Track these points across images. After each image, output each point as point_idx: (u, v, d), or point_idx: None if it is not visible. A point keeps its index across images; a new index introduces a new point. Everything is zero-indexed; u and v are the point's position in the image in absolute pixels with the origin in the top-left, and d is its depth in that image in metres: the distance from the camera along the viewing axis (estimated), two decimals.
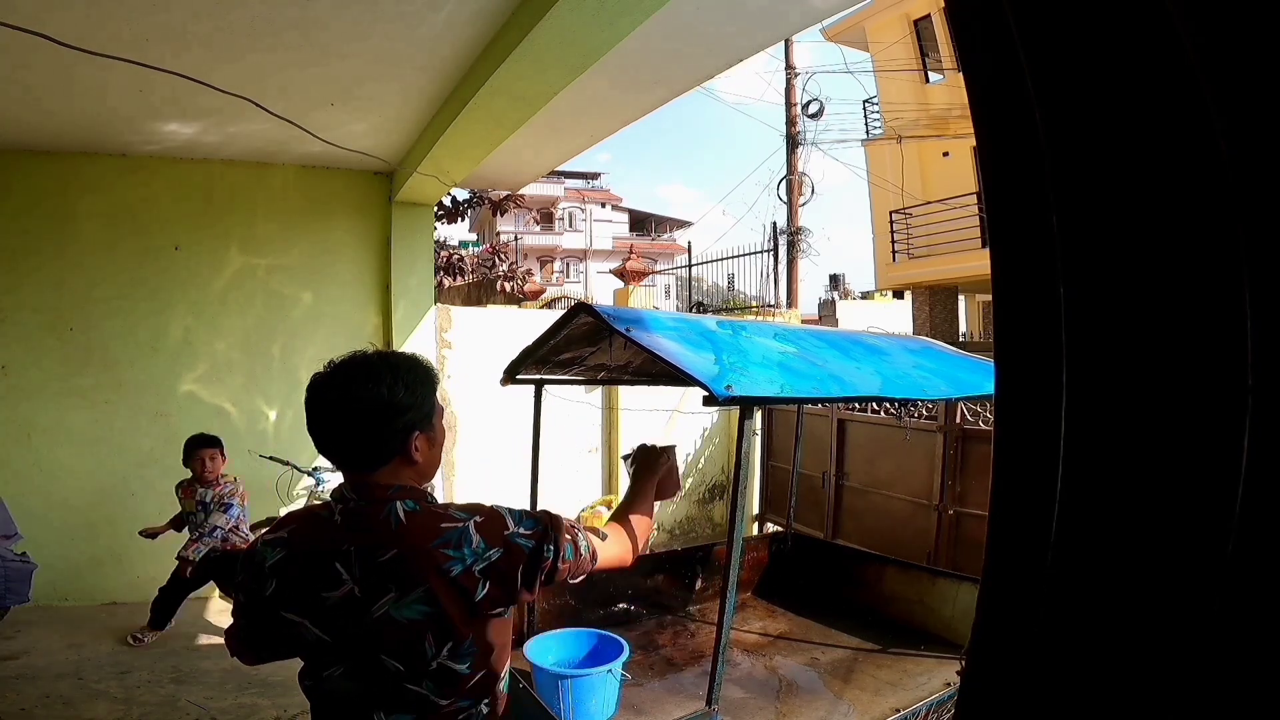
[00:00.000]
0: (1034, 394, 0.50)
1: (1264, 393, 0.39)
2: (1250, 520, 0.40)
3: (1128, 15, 0.43)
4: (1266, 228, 0.39)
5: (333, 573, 1.10)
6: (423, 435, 1.19)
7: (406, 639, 1.08)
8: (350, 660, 1.11)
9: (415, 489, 1.19)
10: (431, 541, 1.09)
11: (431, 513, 1.14)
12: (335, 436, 1.16)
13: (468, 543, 1.10)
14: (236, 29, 2.97)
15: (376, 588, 1.08)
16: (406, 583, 1.08)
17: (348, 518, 1.14)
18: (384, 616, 1.07)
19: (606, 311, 2.11)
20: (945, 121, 11.20)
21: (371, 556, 1.09)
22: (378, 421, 1.15)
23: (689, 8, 2.95)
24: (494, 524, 1.14)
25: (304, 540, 1.16)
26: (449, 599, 1.08)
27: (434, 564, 1.08)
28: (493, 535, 1.13)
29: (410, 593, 1.07)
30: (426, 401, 1.20)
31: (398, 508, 1.13)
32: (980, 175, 0.54)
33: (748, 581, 3.65)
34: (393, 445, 1.16)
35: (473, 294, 10.15)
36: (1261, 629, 0.40)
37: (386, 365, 1.18)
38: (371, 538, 1.11)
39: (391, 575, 1.08)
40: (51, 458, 4.60)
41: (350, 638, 1.10)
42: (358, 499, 1.15)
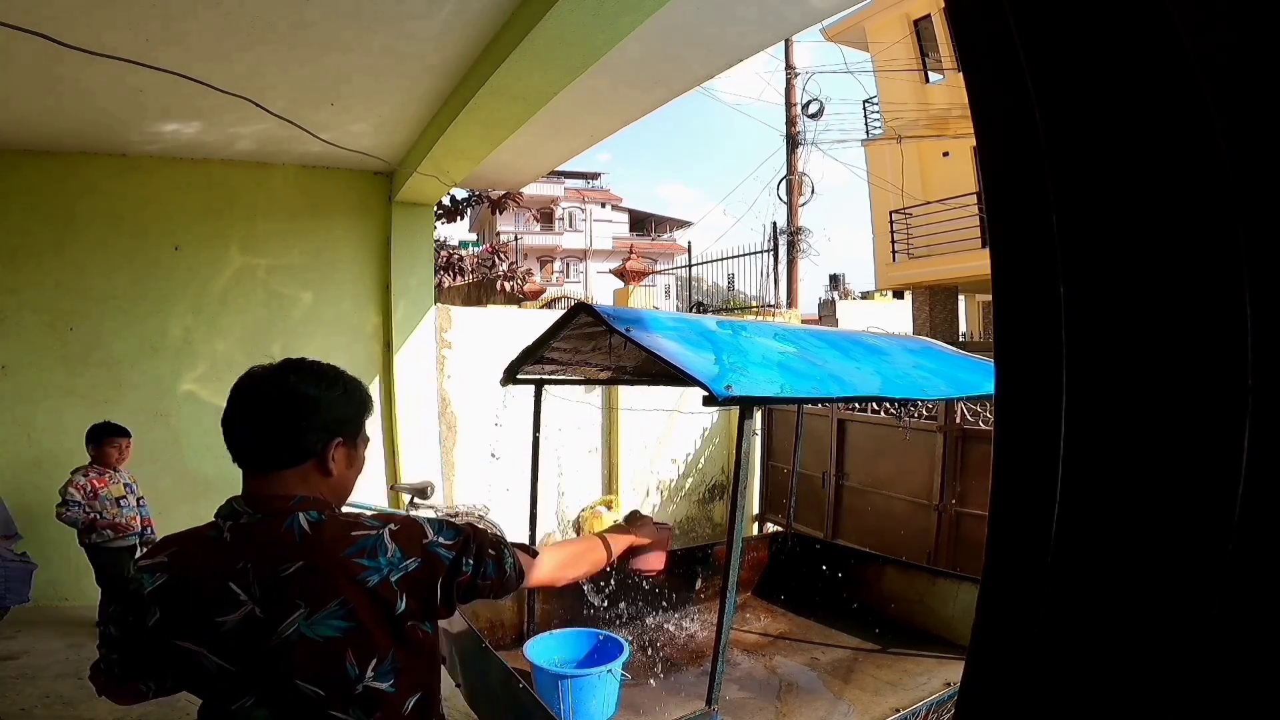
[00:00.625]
0: (1034, 394, 0.50)
1: (1264, 393, 0.39)
2: (1250, 520, 0.40)
3: (1128, 15, 0.43)
4: (1266, 228, 0.39)
5: (227, 594, 0.98)
6: (344, 447, 1.12)
7: (324, 660, 0.98)
8: (260, 689, 1.00)
9: (320, 500, 1.08)
10: (343, 550, 1.01)
11: (340, 521, 1.05)
12: (253, 424, 1.08)
13: (383, 551, 1.02)
14: (236, 29, 2.97)
15: (281, 606, 0.97)
16: (317, 597, 0.98)
17: (239, 534, 1.04)
18: (294, 636, 0.97)
19: (606, 311, 2.11)
20: (945, 121, 11.21)
21: (272, 572, 0.98)
22: (302, 413, 1.08)
23: (689, 8, 2.95)
24: (411, 533, 1.07)
25: (187, 563, 1.04)
26: (368, 612, 0.99)
27: (348, 574, 0.99)
28: (410, 544, 1.05)
29: (323, 607, 0.97)
30: (357, 417, 1.16)
31: (300, 519, 1.03)
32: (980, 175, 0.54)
33: (748, 581, 3.65)
34: (310, 444, 1.08)
35: (472, 294, 10.15)
36: (1261, 629, 0.40)
37: (325, 368, 1.16)
38: (271, 552, 1.00)
39: (299, 590, 0.98)
40: (51, 458, 4.60)
41: (256, 664, 0.98)
42: (252, 512, 1.05)
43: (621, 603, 3.28)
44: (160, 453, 4.81)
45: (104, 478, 3.94)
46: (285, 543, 1.01)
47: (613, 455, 6.40)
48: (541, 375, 2.86)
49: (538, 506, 3.06)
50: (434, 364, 5.58)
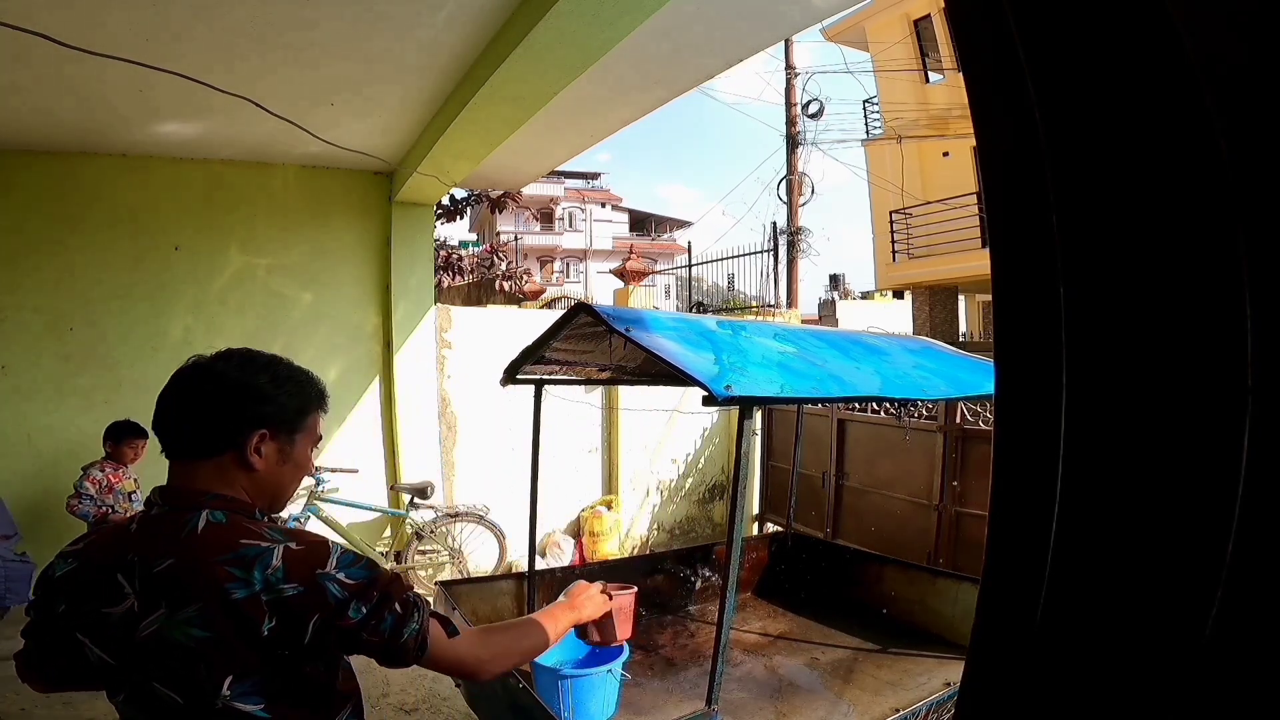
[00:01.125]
0: (1034, 394, 0.50)
1: (1264, 393, 0.39)
2: (1250, 520, 0.40)
3: (1128, 15, 0.43)
4: (1266, 228, 0.39)
5: (114, 585, 0.96)
6: (272, 440, 1.05)
7: (178, 664, 0.93)
8: (129, 687, 0.97)
9: (239, 502, 1.03)
10: (216, 555, 0.94)
11: (240, 527, 0.99)
12: (175, 408, 1.04)
13: (263, 566, 0.93)
14: (236, 29, 2.97)
15: (151, 602, 0.94)
16: (178, 598, 0.93)
17: (144, 525, 1.01)
18: (153, 635, 0.93)
19: (606, 311, 2.11)
20: (945, 121, 11.21)
21: (148, 566, 0.95)
22: (220, 399, 1.03)
23: (689, 8, 2.95)
24: (309, 557, 0.97)
25: (96, 551, 1.02)
26: (225, 624, 0.92)
27: (213, 581, 0.92)
28: (300, 569, 0.95)
29: (180, 610, 0.92)
30: (291, 404, 1.07)
31: (203, 516, 0.98)
32: (980, 175, 0.54)
33: (748, 581, 3.66)
34: (228, 432, 1.02)
35: (472, 294, 10.14)
36: (1261, 629, 0.40)
37: (263, 358, 1.09)
38: (155, 546, 0.97)
39: (164, 588, 0.94)
40: (51, 458, 4.60)
41: (126, 660, 0.96)
42: (163, 504, 1.02)
43: None
44: (159, 452, 4.81)
45: (118, 473, 3.98)
46: (171, 538, 0.97)
47: (613, 455, 6.40)
48: (541, 375, 2.86)
49: (538, 507, 3.06)
50: (434, 364, 5.58)
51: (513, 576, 3.23)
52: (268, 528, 1.01)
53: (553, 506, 6.09)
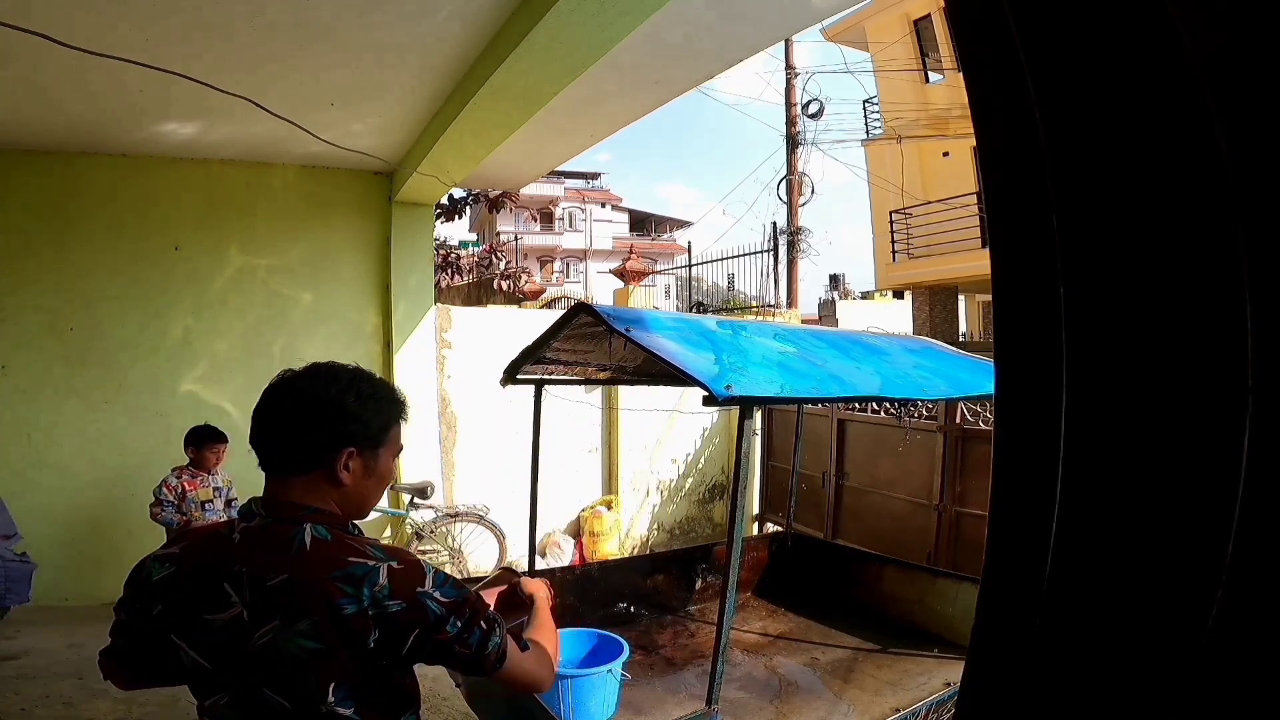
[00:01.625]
0: (1034, 394, 0.50)
1: (1264, 393, 0.39)
2: (1250, 520, 0.40)
3: (1128, 15, 0.43)
4: (1266, 228, 0.39)
5: (220, 593, 1.01)
6: (359, 457, 1.09)
7: (291, 673, 0.99)
8: (233, 690, 1.02)
9: (333, 515, 1.09)
10: (329, 573, 0.99)
11: (344, 544, 1.04)
12: (267, 428, 1.08)
13: (370, 584, 0.99)
14: (237, 29, 2.98)
15: (263, 613, 0.98)
16: (292, 612, 0.98)
17: (248, 536, 1.05)
18: (267, 645, 0.98)
19: (606, 311, 2.11)
20: (945, 121, 11.20)
21: (262, 580, 1.00)
22: (312, 418, 1.07)
23: (688, 8, 2.95)
24: (410, 576, 1.03)
25: (195, 557, 1.06)
26: (335, 637, 0.98)
27: (325, 597, 0.98)
28: (403, 587, 1.01)
29: (295, 623, 0.97)
30: (375, 421, 1.12)
31: (307, 531, 1.03)
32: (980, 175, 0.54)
33: (748, 581, 3.65)
34: (320, 451, 1.07)
35: (472, 294, 10.14)
36: (1261, 629, 0.40)
37: (348, 373, 1.13)
38: (266, 560, 1.01)
39: (278, 602, 0.98)
40: (51, 458, 4.60)
41: (232, 665, 1.01)
42: (265, 515, 1.06)
43: (621, 603, 3.28)
44: (159, 453, 4.81)
45: (195, 480, 3.98)
46: (282, 553, 1.02)
47: (613, 455, 6.40)
48: (541, 375, 2.86)
49: (538, 507, 3.06)
50: (434, 364, 5.58)
51: None
52: (369, 545, 1.06)
53: (553, 506, 6.09)
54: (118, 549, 4.71)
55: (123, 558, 5.09)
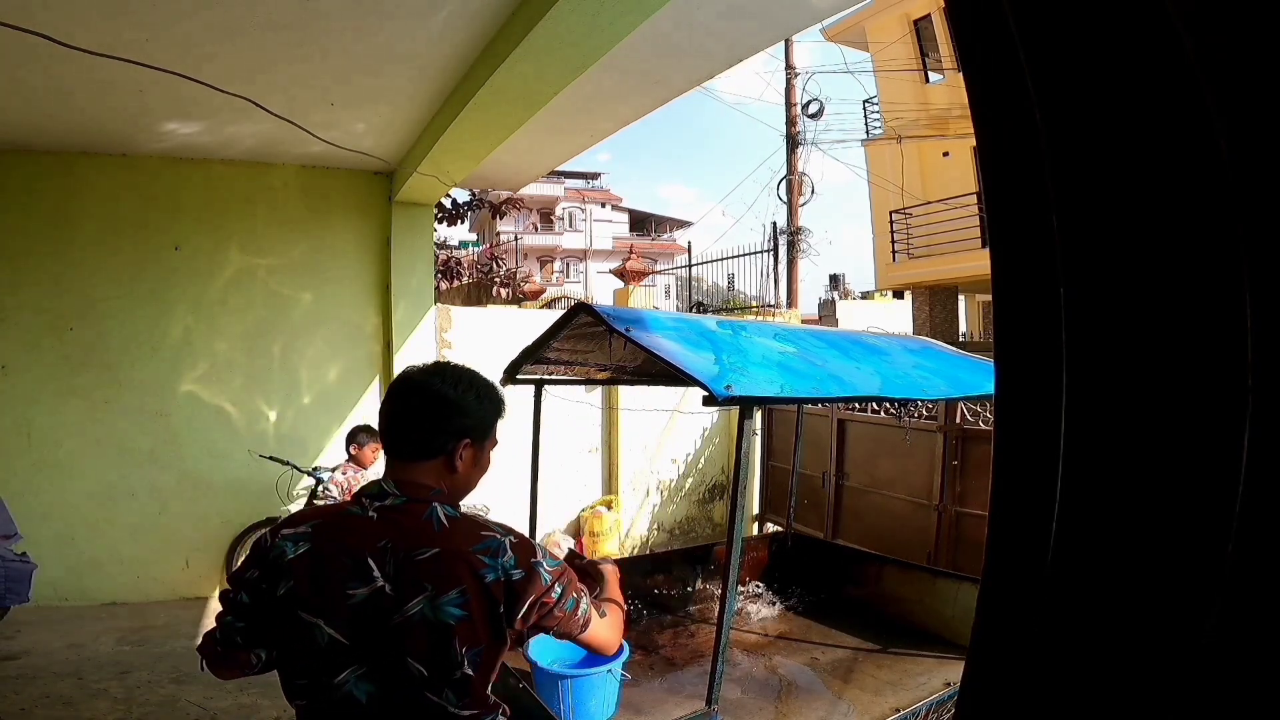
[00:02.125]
0: (1034, 394, 0.50)
1: (1264, 393, 0.39)
2: (1250, 520, 0.40)
3: (1128, 15, 0.43)
4: (1266, 228, 0.39)
5: (364, 569, 1.09)
6: (471, 447, 1.24)
7: (436, 641, 1.08)
8: (370, 662, 1.09)
9: (446, 494, 1.22)
10: (472, 546, 1.13)
11: (472, 520, 1.19)
12: (400, 419, 1.22)
13: (502, 554, 1.13)
14: (237, 29, 2.98)
15: (411, 586, 1.08)
16: (444, 582, 1.09)
17: (385, 514, 1.15)
18: (416, 615, 1.07)
19: (606, 311, 2.11)
20: (945, 121, 11.20)
21: (410, 554, 1.10)
22: (439, 414, 1.21)
23: (689, 8, 2.95)
24: (526, 548, 1.18)
25: (330, 535, 1.14)
26: (478, 603, 1.10)
27: (472, 567, 1.10)
28: (523, 557, 1.16)
29: (446, 593, 1.08)
30: (487, 417, 1.27)
31: (439, 511, 1.16)
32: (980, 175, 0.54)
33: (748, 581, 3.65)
34: (442, 441, 1.21)
35: (472, 294, 10.14)
36: (1261, 629, 0.40)
37: (467, 374, 1.28)
38: (412, 536, 1.12)
39: (429, 574, 1.09)
40: (51, 458, 4.60)
41: (372, 639, 1.08)
42: (399, 494, 1.17)
43: None
44: (160, 452, 4.81)
45: (357, 475, 4.14)
46: (425, 530, 1.13)
47: (613, 455, 6.40)
48: (541, 375, 2.86)
49: (538, 507, 3.06)
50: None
51: None
52: (489, 523, 1.20)
53: (553, 506, 6.09)
54: (118, 549, 4.72)
55: (123, 558, 5.13)
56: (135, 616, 4.35)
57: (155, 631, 4.19)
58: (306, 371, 5.16)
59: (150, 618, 4.41)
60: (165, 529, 4.81)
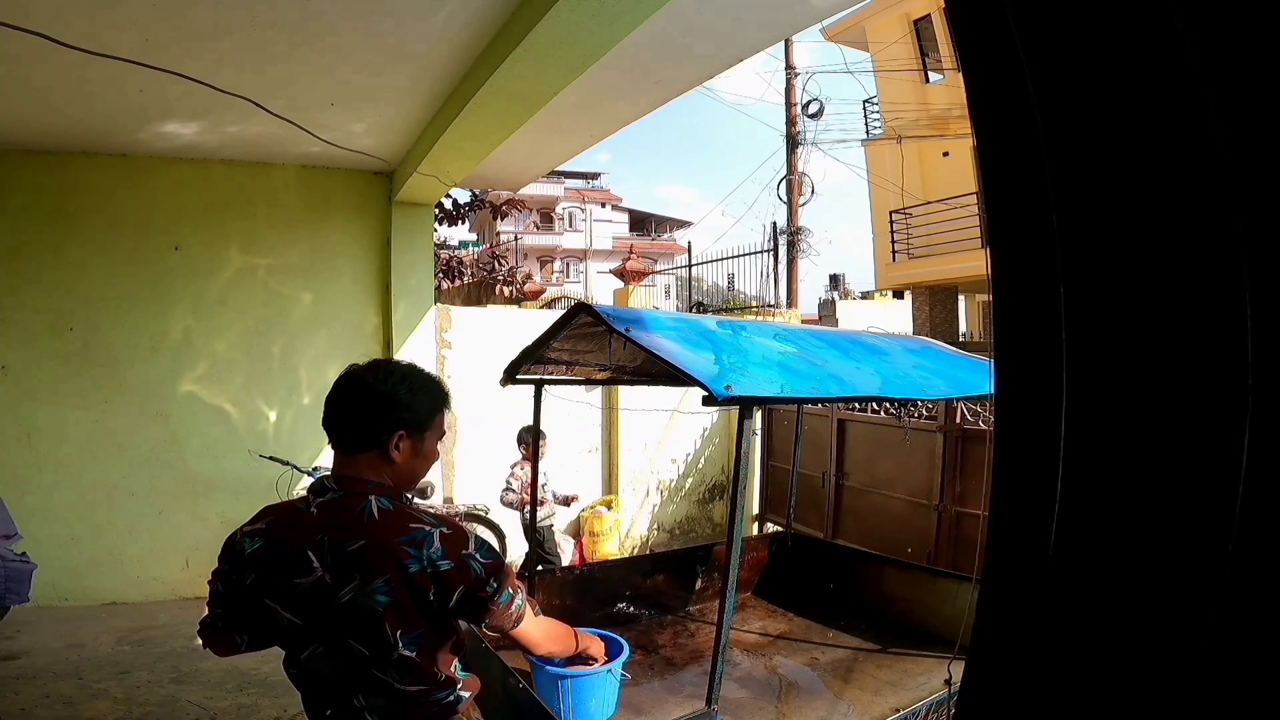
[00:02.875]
0: (1034, 394, 0.50)
1: (1264, 393, 0.39)
2: (1250, 520, 0.40)
3: (1128, 15, 0.43)
4: (1266, 228, 0.39)
5: (305, 561, 1.19)
6: (408, 439, 1.29)
7: (369, 625, 1.17)
8: (324, 642, 1.22)
9: (390, 489, 1.28)
10: (397, 538, 1.18)
11: (404, 513, 1.24)
12: (337, 413, 1.29)
13: (428, 546, 1.18)
14: (237, 29, 2.97)
15: (344, 575, 1.17)
16: (370, 572, 1.17)
17: (324, 510, 1.24)
18: (350, 602, 1.17)
19: (606, 311, 2.11)
20: (945, 121, 11.20)
21: (342, 546, 1.19)
22: (370, 408, 1.27)
23: (689, 8, 2.95)
24: (457, 540, 1.22)
25: (280, 531, 1.25)
26: (405, 592, 1.17)
27: (396, 558, 1.17)
28: (452, 549, 1.20)
29: (372, 581, 1.16)
30: (421, 409, 1.31)
31: (373, 503, 1.22)
32: (980, 175, 0.54)
33: (748, 581, 3.65)
34: (378, 434, 1.26)
35: (472, 294, 10.14)
36: (1261, 629, 0.40)
37: (401, 369, 1.33)
38: (345, 529, 1.20)
39: (357, 564, 1.17)
40: (51, 458, 4.60)
41: (321, 621, 1.20)
42: (337, 490, 1.25)
43: (621, 603, 3.28)
44: (160, 452, 4.81)
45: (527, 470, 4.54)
46: (357, 522, 1.20)
47: (613, 455, 6.40)
48: (541, 375, 2.85)
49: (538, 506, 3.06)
50: (434, 364, 5.58)
51: None
52: (422, 514, 1.25)
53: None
54: (117, 549, 4.72)
55: (123, 558, 5.13)
56: (135, 616, 4.35)
57: (155, 631, 4.19)
58: (306, 371, 5.16)
59: (150, 618, 4.41)
60: (165, 529, 4.81)
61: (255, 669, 3.71)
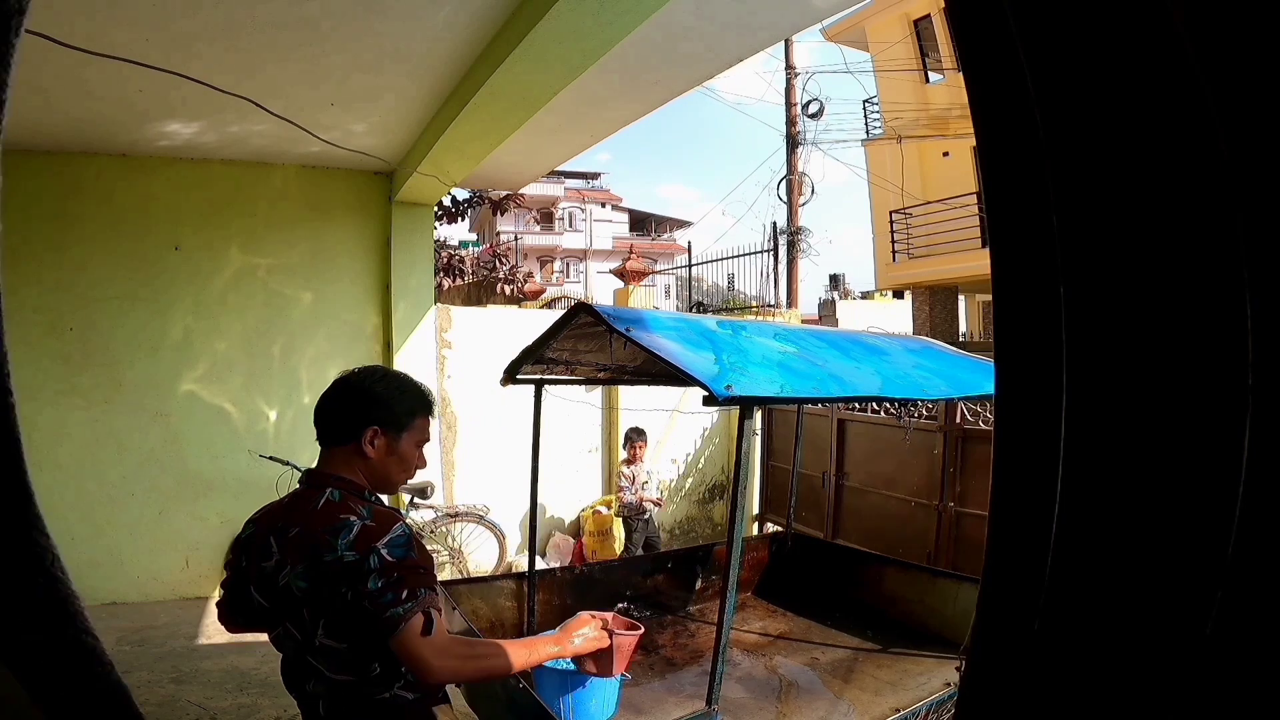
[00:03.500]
0: (1034, 394, 0.50)
1: (1264, 393, 0.39)
2: (1250, 520, 0.40)
3: (1128, 15, 0.43)
4: (1266, 228, 0.39)
5: (267, 546, 1.27)
6: (383, 435, 1.33)
7: (294, 610, 1.22)
8: (277, 624, 1.28)
9: (352, 483, 1.30)
10: (323, 526, 1.21)
11: (344, 504, 1.25)
12: (320, 406, 1.35)
13: (344, 535, 1.19)
14: (237, 29, 2.97)
15: (283, 560, 1.23)
16: (296, 557, 1.21)
17: (290, 499, 1.32)
18: (285, 586, 1.22)
19: (606, 311, 2.11)
20: (945, 121, 11.20)
21: (285, 532, 1.25)
22: (347, 402, 1.34)
23: (689, 8, 2.95)
24: (371, 533, 1.20)
25: (262, 520, 1.34)
26: (320, 579, 1.19)
27: (317, 546, 1.19)
28: (362, 541, 1.19)
29: (295, 567, 1.21)
30: (398, 407, 1.35)
31: (327, 494, 1.27)
32: (980, 175, 0.54)
33: (748, 581, 3.65)
34: (352, 428, 1.32)
35: (473, 294, 10.14)
36: (1261, 629, 0.40)
37: (385, 371, 1.40)
38: (292, 516, 1.26)
39: (288, 549, 1.23)
40: (51, 458, 4.60)
41: (275, 604, 1.26)
42: (306, 482, 1.32)
43: (621, 603, 3.28)
44: (160, 453, 4.81)
45: (635, 469, 5.04)
46: (302, 510, 1.25)
47: (613, 455, 6.39)
48: (541, 375, 2.86)
49: (538, 506, 3.06)
50: (434, 364, 5.58)
51: (512, 576, 3.23)
52: (365, 506, 1.26)
53: (553, 506, 6.09)
54: (118, 549, 4.72)
55: (123, 558, 5.13)
56: (135, 616, 4.35)
57: (155, 631, 4.19)
58: (307, 371, 5.16)
59: (150, 618, 4.41)
60: (165, 529, 4.81)
61: (255, 669, 3.71)
